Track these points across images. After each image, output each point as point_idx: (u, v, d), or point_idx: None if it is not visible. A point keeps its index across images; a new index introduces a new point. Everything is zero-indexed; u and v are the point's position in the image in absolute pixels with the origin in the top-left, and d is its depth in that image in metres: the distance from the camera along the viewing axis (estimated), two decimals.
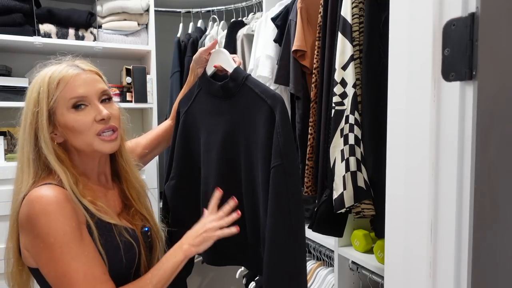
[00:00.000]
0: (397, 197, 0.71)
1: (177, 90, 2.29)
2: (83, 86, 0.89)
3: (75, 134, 0.89)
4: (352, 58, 1.20)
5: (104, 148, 0.90)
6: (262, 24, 1.79)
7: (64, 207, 0.81)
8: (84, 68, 0.92)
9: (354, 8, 1.21)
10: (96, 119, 0.89)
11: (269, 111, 0.98)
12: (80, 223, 0.83)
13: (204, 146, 1.12)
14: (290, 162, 0.97)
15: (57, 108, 0.88)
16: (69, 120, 0.88)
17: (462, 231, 0.58)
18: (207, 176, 1.11)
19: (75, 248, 0.79)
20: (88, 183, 0.94)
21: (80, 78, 0.89)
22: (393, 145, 0.72)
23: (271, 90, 1.02)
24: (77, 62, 0.94)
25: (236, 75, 1.06)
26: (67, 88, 0.87)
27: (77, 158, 0.93)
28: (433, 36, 0.61)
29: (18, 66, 2.23)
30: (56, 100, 0.87)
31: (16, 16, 1.95)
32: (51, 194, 0.81)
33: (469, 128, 0.57)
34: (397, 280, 0.72)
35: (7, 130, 2.11)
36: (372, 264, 1.32)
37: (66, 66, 0.91)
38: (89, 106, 0.89)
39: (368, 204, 1.22)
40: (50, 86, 0.87)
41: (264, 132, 0.98)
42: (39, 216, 0.79)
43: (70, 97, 0.87)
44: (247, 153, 1.04)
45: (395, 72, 0.71)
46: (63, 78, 0.88)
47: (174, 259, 0.90)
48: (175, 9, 2.42)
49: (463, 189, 0.58)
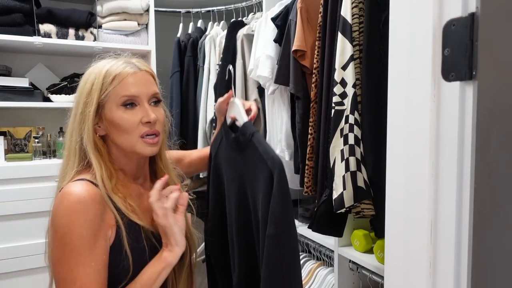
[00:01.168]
0: (397, 197, 0.71)
1: (177, 90, 2.29)
2: (137, 86, 0.89)
3: (119, 132, 0.89)
4: (352, 58, 1.20)
5: (144, 151, 0.91)
6: (262, 24, 1.79)
7: (89, 210, 0.81)
8: (141, 67, 0.92)
9: (354, 8, 1.21)
10: (142, 121, 0.89)
11: (269, 173, 0.94)
12: (101, 229, 0.82)
13: (227, 195, 1.12)
14: (285, 232, 0.92)
15: (107, 102, 0.88)
16: (116, 116, 0.88)
17: (462, 231, 0.58)
18: (231, 225, 1.10)
19: (84, 255, 0.79)
20: (124, 180, 0.94)
21: (136, 77, 0.90)
22: (393, 145, 0.72)
23: (271, 150, 0.97)
24: (134, 60, 0.94)
25: (245, 131, 1.03)
26: (121, 85, 0.88)
27: (116, 154, 0.93)
28: (433, 36, 0.61)
29: (18, 66, 2.23)
30: (108, 94, 0.88)
31: (16, 16, 1.95)
32: (81, 193, 0.81)
33: (469, 128, 0.57)
34: (397, 280, 0.72)
35: (7, 130, 2.11)
36: (372, 264, 1.32)
37: (123, 62, 0.91)
38: (138, 107, 0.90)
39: (368, 204, 1.22)
40: (105, 79, 0.88)
41: (263, 194, 0.95)
42: (62, 214, 0.80)
43: (122, 94, 0.88)
44: (254, 211, 1.02)
45: (395, 72, 0.71)
46: (119, 74, 0.88)
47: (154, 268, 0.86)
48: (175, 9, 2.42)
49: (463, 189, 0.58)
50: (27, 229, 1.88)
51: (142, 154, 0.91)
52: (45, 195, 1.88)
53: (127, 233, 0.85)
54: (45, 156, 2.11)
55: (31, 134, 2.15)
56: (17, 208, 1.87)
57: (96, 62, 0.93)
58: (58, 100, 2.10)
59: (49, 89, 2.15)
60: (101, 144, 0.91)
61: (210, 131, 2.10)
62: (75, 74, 2.28)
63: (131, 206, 0.89)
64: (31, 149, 2.11)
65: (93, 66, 0.93)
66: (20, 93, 2.00)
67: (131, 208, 0.89)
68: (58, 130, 2.15)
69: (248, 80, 1.94)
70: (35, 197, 1.90)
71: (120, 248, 0.85)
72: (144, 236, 0.89)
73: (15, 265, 1.86)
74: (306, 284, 1.65)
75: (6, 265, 1.86)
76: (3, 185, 1.84)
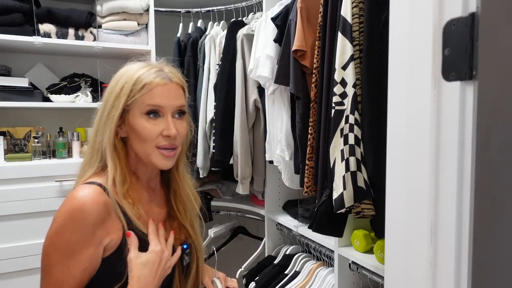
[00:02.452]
0: (397, 197, 0.71)
1: None
2: (164, 97, 0.89)
3: (138, 139, 0.90)
4: (352, 58, 1.20)
5: (159, 163, 0.91)
6: (262, 24, 1.79)
7: (86, 218, 0.82)
8: (172, 79, 0.92)
9: (354, 8, 1.21)
10: (163, 133, 0.89)
11: None
12: (94, 237, 0.83)
13: None
14: None
15: (132, 109, 0.89)
16: (139, 124, 0.89)
17: (462, 231, 0.58)
18: None
19: (66, 257, 0.81)
20: (137, 184, 0.95)
21: (165, 88, 0.90)
22: (393, 145, 0.72)
23: None
24: (166, 69, 0.94)
25: None
26: (149, 94, 0.88)
27: (134, 158, 0.94)
28: (433, 36, 0.61)
29: (18, 66, 2.23)
30: (135, 101, 0.88)
31: (15, 16, 1.95)
32: (83, 201, 0.83)
33: (469, 128, 0.56)
34: (397, 280, 0.71)
35: (7, 130, 2.11)
36: (372, 264, 1.32)
37: (156, 71, 0.91)
38: (161, 118, 0.90)
39: (368, 204, 1.22)
40: (135, 86, 0.88)
41: None
42: (61, 214, 0.82)
43: (147, 103, 0.88)
44: None
45: (395, 72, 0.71)
46: (149, 84, 0.88)
47: None
48: (175, 9, 2.41)
49: (463, 189, 0.58)
50: (26, 229, 1.88)
51: (157, 166, 0.92)
52: (44, 195, 1.91)
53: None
54: (44, 156, 2.11)
55: (31, 134, 2.15)
56: (17, 208, 1.87)
57: (130, 64, 0.94)
58: (58, 100, 2.10)
59: (48, 89, 2.14)
60: (120, 146, 0.91)
61: (210, 131, 2.10)
62: (74, 74, 2.27)
63: (139, 212, 0.89)
64: (30, 149, 2.10)
65: (126, 67, 0.93)
66: (19, 93, 2.00)
67: (138, 214, 0.89)
68: (58, 130, 2.15)
69: (248, 80, 1.94)
70: (35, 197, 1.89)
71: (121, 254, 0.86)
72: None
73: (15, 265, 1.86)
74: (306, 284, 1.65)
75: (6, 265, 1.85)
76: (2, 185, 1.84)
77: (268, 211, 2.02)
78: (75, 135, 2.13)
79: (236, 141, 1.96)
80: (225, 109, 1.99)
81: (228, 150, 2.00)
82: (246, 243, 2.37)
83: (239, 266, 2.02)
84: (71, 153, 2.15)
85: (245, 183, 1.98)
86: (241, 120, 1.93)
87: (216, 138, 2.01)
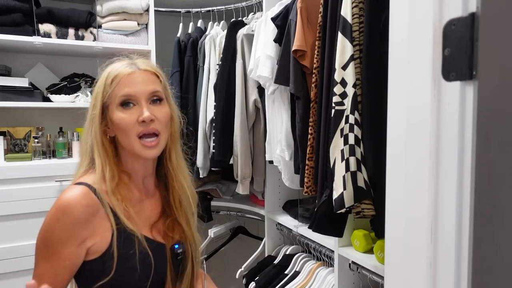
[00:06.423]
0: (397, 197, 0.71)
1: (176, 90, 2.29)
2: (133, 85, 0.90)
3: (120, 132, 0.91)
4: (352, 58, 1.20)
5: (143, 153, 0.91)
6: (262, 24, 1.79)
7: (68, 219, 0.85)
8: (140, 67, 0.93)
9: (354, 8, 1.21)
10: (138, 120, 0.89)
11: None
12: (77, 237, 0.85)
13: None
14: None
15: (110, 104, 0.91)
16: (115, 117, 0.90)
17: (463, 231, 0.58)
18: None
19: (48, 253, 0.85)
20: (129, 183, 0.95)
21: (133, 76, 0.91)
22: (393, 145, 0.72)
23: None
24: (137, 61, 0.95)
25: None
26: (119, 86, 0.90)
27: (125, 156, 0.95)
28: (433, 36, 0.61)
29: (18, 66, 2.23)
30: (109, 96, 0.90)
31: (15, 16, 1.95)
32: (68, 202, 0.85)
33: (469, 128, 0.56)
34: (397, 280, 0.71)
35: (7, 130, 2.11)
36: (372, 264, 1.32)
37: (125, 63, 0.93)
38: (136, 106, 0.90)
39: (368, 204, 1.22)
40: (107, 81, 0.90)
41: None
42: (49, 214, 0.87)
43: (119, 94, 0.90)
44: None
45: (395, 72, 0.71)
46: (117, 75, 0.90)
47: None
48: (175, 9, 2.41)
49: (463, 189, 0.58)
50: (26, 229, 1.88)
51: (142, 156, 0.91)
52: (44, 195, 1.90)
53: (118, 238, 0.87)
54: (44, 156, 2.11)
55: (31, 134, 2.15)
56: (17, 208, 1.87)
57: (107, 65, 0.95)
58: (58, 100, 2.10)
59: (48, 89, 2.14)
60: (108, 145, 0.92)
61: (210, 131, 2.10)
62: (74, 74, 2.27)
63: (128, 210, 0.89)
64: (30, 149, 2.10)
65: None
66: (19, 93, 2.00)
67: (127, 213, 0.89)
68: (58, 130, 2.15)
69: (248, 80, 1.94)
70: (35, 197, 1.89)
71: (108, 257, 0.86)
72: (137, 242, 0.89)
73: (15, 265, 1.86)
74: (306, 284, 1.65)
75: (6, 265, 1.86)
76: (2, 185, 1.84)
77: (268, 211, 2.02)
78: (75, 135, 2.13)
79: (236, 141, 1.96)
80: (225, 109, 1.99)
81: (228, 150, 2.00)
82: (246, 243, 2.37)
83: (239, 266, 2.02)
84: (71, 153, 2.15)
85: (245, 183, 1.98)
86: (241, 120, 1.93)
87: (216, 138, 2.01)
